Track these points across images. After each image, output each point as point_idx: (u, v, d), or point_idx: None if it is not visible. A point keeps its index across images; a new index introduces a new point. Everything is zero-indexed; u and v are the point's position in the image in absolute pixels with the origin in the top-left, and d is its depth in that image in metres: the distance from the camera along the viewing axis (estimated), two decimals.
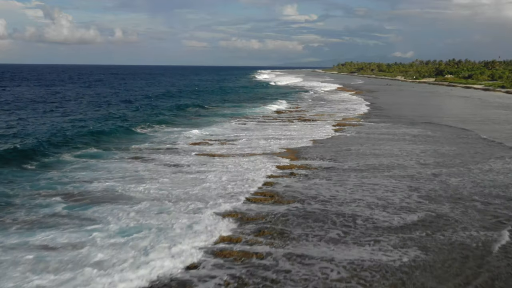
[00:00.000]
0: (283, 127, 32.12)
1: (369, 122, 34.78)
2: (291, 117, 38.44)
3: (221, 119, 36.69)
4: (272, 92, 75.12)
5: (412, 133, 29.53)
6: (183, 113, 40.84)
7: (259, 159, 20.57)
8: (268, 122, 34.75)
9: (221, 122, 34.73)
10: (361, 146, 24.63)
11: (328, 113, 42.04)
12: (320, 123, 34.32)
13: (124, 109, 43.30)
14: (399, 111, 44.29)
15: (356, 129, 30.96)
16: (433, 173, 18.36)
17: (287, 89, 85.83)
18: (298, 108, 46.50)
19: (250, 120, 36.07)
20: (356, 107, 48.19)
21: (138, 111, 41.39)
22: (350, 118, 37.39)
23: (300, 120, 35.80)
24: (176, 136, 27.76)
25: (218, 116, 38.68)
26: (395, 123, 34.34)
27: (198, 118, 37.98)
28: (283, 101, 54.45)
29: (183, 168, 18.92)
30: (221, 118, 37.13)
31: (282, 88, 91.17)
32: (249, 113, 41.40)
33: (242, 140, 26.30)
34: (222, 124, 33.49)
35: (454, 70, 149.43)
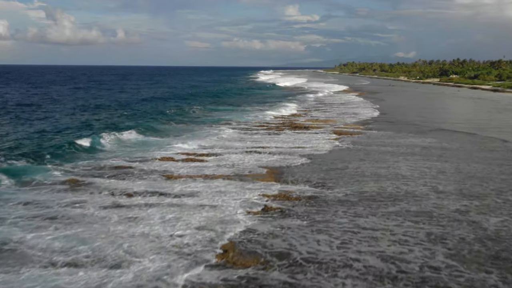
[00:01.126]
0: (274, 137, 27.31)
1: (370, 130, 29.94)
2: (285, 124, 33.59)
3: (206, 126, 31.81)
4: (271, 95, 70.18)
5: (422, 144, 24.69)
6: (165, 119, 35.75)
7: (225, 186, 15.70)
8: (258, 130, 29.93)
9: (205, 130, 29.91)
10: (359, 162, 19.83)
11: (327, 118, 37.22)
12: (316, 131, 29.51)
13: (98, 114, 38.59)
14: (404, 115, 39.46)
15: (356, 139, 26.15)
16: (459, 208, 13.41)
17: (287, 91, 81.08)
18: (295, 114, 41.60)
19: (239, 128, 31.17)
20: (357, 111, 43.36)
21: (112, 117, 36.60)
22: (349, 125, 32.55)
23: (294, 128, 30.94)
24: (139, 149, 23.02)
25: (203, 123, 33.77)
26: (400, 131, 29.52)
27: (180, 125, 33.01)
28: (281, 106, 49.62)
29: (121, 199, 14.15)
30: (207, 125, 32.26)
31: (282, 90, 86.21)
32: (241, 119, 36.12)
33: (218, 154, 21.52)
34: (205, 132, 28.62)
35: (459, 70, 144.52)
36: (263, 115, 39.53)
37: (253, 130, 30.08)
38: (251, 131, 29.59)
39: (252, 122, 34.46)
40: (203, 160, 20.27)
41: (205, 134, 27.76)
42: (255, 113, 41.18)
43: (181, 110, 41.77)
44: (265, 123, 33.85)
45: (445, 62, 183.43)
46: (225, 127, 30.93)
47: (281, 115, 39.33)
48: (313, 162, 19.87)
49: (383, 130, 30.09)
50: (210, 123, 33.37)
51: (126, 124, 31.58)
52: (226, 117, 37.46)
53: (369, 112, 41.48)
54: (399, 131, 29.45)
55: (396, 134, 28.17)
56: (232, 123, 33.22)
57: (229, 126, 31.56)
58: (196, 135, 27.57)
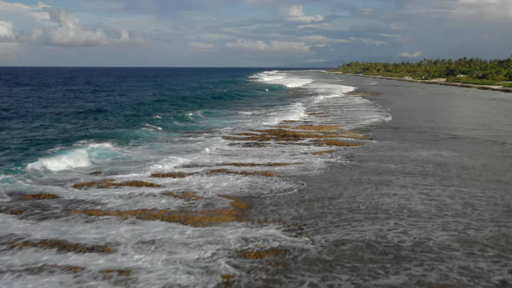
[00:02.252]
0: (254, 150, 22.74)
1: (371, 140, 25.24)
2: (272, 133, 28.98)
3: (197, 136, 27.15)
4: (271, 97, 65.60)
5: (436, 159, 19.97)
6: (154, 125, 30.72)
7: (154, 235, 11.01)
8: (241, 142, 25.34)
9: (194, 141, 25.41)
10: (353, 188, 15.17)
11: (321, 124, 32.55)
12: (308, 141, 24.90)
13: (74, 120, 34.17)
14: (411, 120, 34.72)
15: (353, 152, 21.47)
16: (506, 280, 8.71)
17: (290, 94, 76.49)
18: (291, 120, 36.97)
19: (232, 137, 26.62)
20: (357, 115, 38.67)
21: (87, 125, 31.85)
22: (346, 133, 27.85)
23: (282, 137, 26.33)
24: (98, 167, 18.46)
25: (194, 132, 29.06)
26: (407, 140, 24.83)
27: (167, 134, 28.16)
28: (280, 111, 45.03)
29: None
30: (198, 135, 27.68)
31: (285, 92, 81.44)
32: (228, 128, 31.03)
33: (182, 175, 16.98)
34: (193, 144, 24.11)
35: (466, 69, 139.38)
36: (257, 120, 34.96)
37: (238, 140, 25.48)
38: (235, 142, 24.98)
39: (243, 130, 29.84)
40: (153, 185, 15.69)
41: (193, 146, 23.01)
42: (252, 118, 36.61)
43: (174, 116, 36.60)
44: (249, 131, 29.19)
45: (451, 61, 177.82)
46: (218, 136, 26.13)
47: (278, 123, 34.66)
48: (295, 188, 15.24)
49: (386, 139, 25.39)
50: (203, 131, 28.62)
51: (103, 132, 27.07)
52: (224, 122, 33.15)
53: (370, 116, 36.80)
54: (405, 140, 24.76)
55: (401, 145, 23.48)
56: (226, 132, 28.30)
57: (222, 135, 26.74)
58: (181, 149, 22.61)
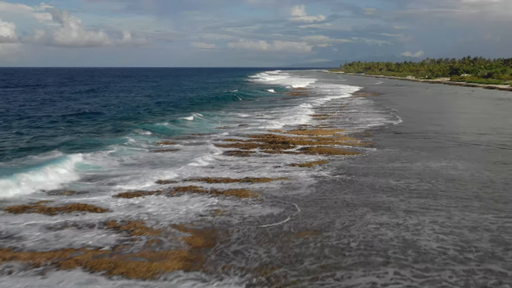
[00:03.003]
0: (234, 160, 19.68)
1: (370, 147, 22.10)
2: (260, 139, 25.95)
3: (192, 143, 24.12)
4: (271, 99, 62.50)
5: (448, 172, 16.83)
6: (150, 131, 27.42)
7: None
8: (223, 150, 22.27)
9: (188, 149, 22.43)
10: (345, 216, 12.05)
11: (314, 129, 29.45)
12: (297, 149, 21.83)
13: (53, 126, 31.22)
14: (415, 123, 31.58)
15: (347, 164, 18.36)
16: None
17: (288, 95, 73.34)
18: (285, 125, 33.85)
19: (230, 144, 23.61)
20: (357, 117, 35.55)
21: (69, 132, 28.51)
22: (343, 138, 24.71)
23: (268, 147, 23.17)
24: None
25: (189, 140, 25.94)
26: (411, 148, 21.69)
27: (161, 141, 25.05)
28: (273, 112, 41.97)
29: None
30: (193, 141, 24.62)
31: (283, 92, 78.19)
32: (219, 134, 27.61)
33: (132, 197, 13.95)
34: (185, 154, 21.15)
35: (470, 68, 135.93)
36: (251, 124, 31.91)
37: (220, 146, 22.40)
38: (221, 148, 21.91)
39: (227, 137, 26.76)
40: (97, 209, 12.64)
41: (177, 157, 19.80)
42: (248, 122, 33.55)
43: (168, 120, 32.67)
44: (235, 136, 26.09)
45: (454, 60, 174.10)
46: (209, 144, 22.77)
47: (271, 127, 31.57)
48: (270, 217, 12.14)
49: (388, 146, 22.27)
50: (194, 137, 25.52)
51: (83, 140, 24.07)
52: (217, 126, 30.10)
53: (370, 119, 33.67)
54: (408, 148, 21.63)
55: (404, 153, 20.36)
56: (216, 139, 24.97)
57: (213, 142, 23.53)
58: (163, 160, 19.26)
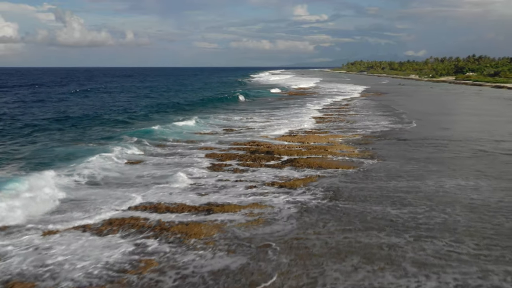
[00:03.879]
0: (199, 179, 16.14)
1: (368, 159, 18.46)
2: (241, 148, 22.43)
3: (179, 155, 20.57)
4: (270, 100, 58.83)
5: (466, 194, 13.21)
6: (126, 145, 24.16)
7: None
8: (201, 165, 18.71)
9: (151, 161, 18.78)
10: (322, 280, 8.49)
11: (311, 134, 25.85)
12: (283, 163, 18.28)
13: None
14: (421, 127, 27.92)
15: (342, 183, 14.76)
16: None
17: (288, 96, 69.59)
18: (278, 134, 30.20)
19: (199, 159, 20.08)
20: (357, 119, 31.93)
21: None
22: (337, 147, 21.07)
23: (247, 159, 19.61)
24: None
25: (154, 148, 22.16)
26: (418, 159, 18.07)
27: (142, 152, 21.67)
28: (269, 116, 38.37)
29: None
30: (181, 153, 21.07)
31: (282, 93, 74.38)
32: (208, 142, 24.88)
33: (47, 234, 10.49)
34: (166, 170, 17.68)
35: (476, 67, 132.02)
36: (244, 131, 28.33)
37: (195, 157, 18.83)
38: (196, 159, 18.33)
39: (215, 142, 23.19)
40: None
41: (156, 174, 16.17)
42: (241, 127, 29.94)
43: (159, 125, 27.54)
44: (217, 144, 22.48)
45: (459, 59, 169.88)
46: (200, 157, 18.91)
47: (262, 134, 27.97)
48: (224, 273, 8.56)
49: (390, 157, 18.63)
50: (181, 147, 21.57)
51: (57, 151, 20.36)
52: (211, 134, 26.33)
53: (371, 122, 30.04)
54: (414, 160, 18.01)
55: (409, 167, 16.74)
56: (206, 148, 21.49)
57: (200, 154, 19.92)
58: (144, 180, 15.39)
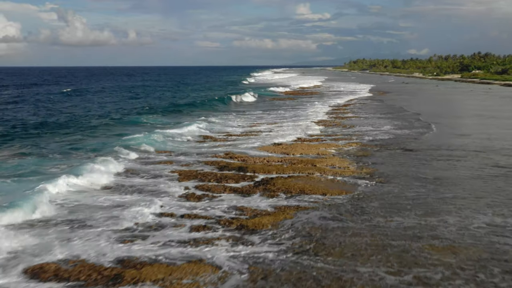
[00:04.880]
0: (130, 210, 11.90)
1: (369, 179, 14.14)
2: (210, 162, 18.22)
3: (129, 174, 16.26)
4: (268, 101, 54.36)
5: (507, 250, 8.97)
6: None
7: None
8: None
9: (128, 186, 14.61)
10: None
11: (301, 142, 21.56)
12: (254, 186, 14.06)
13: None
14: (433, 132, 23.58)
15: (320, 224, 10.44)
16: None
17: (287, 96, 65.11)
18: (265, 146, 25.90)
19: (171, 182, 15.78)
20: (357, 123, 27.65)
21: None
22: (332, 160, 16.77)
23: (211, 179, 15.42)
24: None
25: (134, 164, 18.12)
26: (430, 180, 13.78)
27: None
28: (267, 119, 34.16)
29: None
30: (133, 172, 16.74)
31: (283, 94, 69.83)
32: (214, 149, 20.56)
33: None
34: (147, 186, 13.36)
35: (482, 64, 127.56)
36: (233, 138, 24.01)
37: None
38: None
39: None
40: None
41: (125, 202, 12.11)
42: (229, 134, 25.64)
43: (148, 133, 22.76)
44: (184, 157, 18.20)
45: (464, 56, 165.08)
46: (167, 178, 15.04)
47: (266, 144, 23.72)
48: None
49: (392, 176, 14.32)
50: (163, 164, 16.62)
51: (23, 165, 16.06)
52: (196, 143, 21.97)
53: (370, 127, 25.75)
54: (424, 180, 13.73)
55: (417, 192, 12.46)
56: (172, 162, 17.15)
57: (173, 176, 15.70)
58: (102, 216, 11.35)
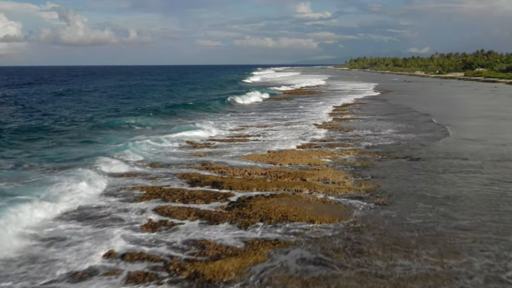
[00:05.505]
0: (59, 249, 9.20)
1: (366, 200, 11.45)
2: (179, 175, 15.57)
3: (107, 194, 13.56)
4: (267, 103, 51.44)
5: None
6: None
7: None
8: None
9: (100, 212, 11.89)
10: None
11: (292, 149, 18.89)
12: (230, 205, 11.41)
13: None
14: (442, 136, 20.89)
15: (304, 268, 7.84)
16: None
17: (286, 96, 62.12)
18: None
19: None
20: (357, 125, 24.98)
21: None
22: (324, 172, 14.08)
23: (176, 198, 12.80)
24: None
25: (114, 180, 15.47)
26: (441, 200, 11.10)
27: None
28: (264, 122, 31.44)
29: None
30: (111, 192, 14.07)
31: (285, 93, 66.86)
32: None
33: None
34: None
35: (485, 62, 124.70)
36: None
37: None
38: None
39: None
40: None
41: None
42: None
43: (134, 142, 19.39)
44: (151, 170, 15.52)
45: (466, 54, 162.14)
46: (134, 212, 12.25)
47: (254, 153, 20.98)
48: None
49: (394, 195, 11.68)
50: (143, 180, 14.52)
51: None
52: (187, 156, 19.21)
53: (369, 131, 23.08)
54: (434, 201, 11.10)
55: (427, 219, 9.84)
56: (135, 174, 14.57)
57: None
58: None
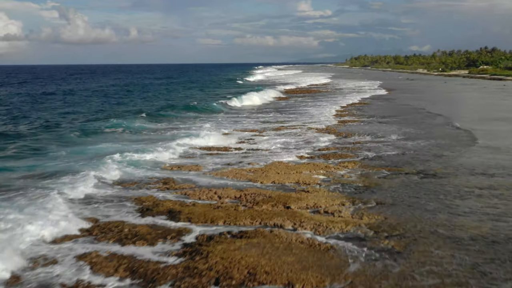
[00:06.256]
0: None
1: (367, 242, 8.48)
2: (128, 200, 12.56)
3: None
4: (268, 102, 48.26)
5: None
6: None
7: None
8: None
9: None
10: None
11: (277, 154, 15.92)
12: (182, 251, 8.44)
13: None
14: (454, 145, 17.91)
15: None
16: None
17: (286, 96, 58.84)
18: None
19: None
20: (357, 129, 21.99)
21: None
22: (315, 194, 11.11)
23: (111, 239, 9.85)
24: None
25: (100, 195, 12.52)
26: (469, 246, 8.19)
27: None
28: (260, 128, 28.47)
29: None
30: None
31: (285, 93, 63.44)
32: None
33: None
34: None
35: (490, 59, 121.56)
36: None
37: None
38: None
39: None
40: None
41: None
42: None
43: (120, 153, 18.51)
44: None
45: (470, 51, 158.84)
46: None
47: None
48: None
49: (402, 241, 8.67)
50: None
51: None
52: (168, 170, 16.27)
53: (368, 138, 20.08)
54: (455, 245, 8.13)
55: (457, 279, 6.90)
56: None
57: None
58: None
